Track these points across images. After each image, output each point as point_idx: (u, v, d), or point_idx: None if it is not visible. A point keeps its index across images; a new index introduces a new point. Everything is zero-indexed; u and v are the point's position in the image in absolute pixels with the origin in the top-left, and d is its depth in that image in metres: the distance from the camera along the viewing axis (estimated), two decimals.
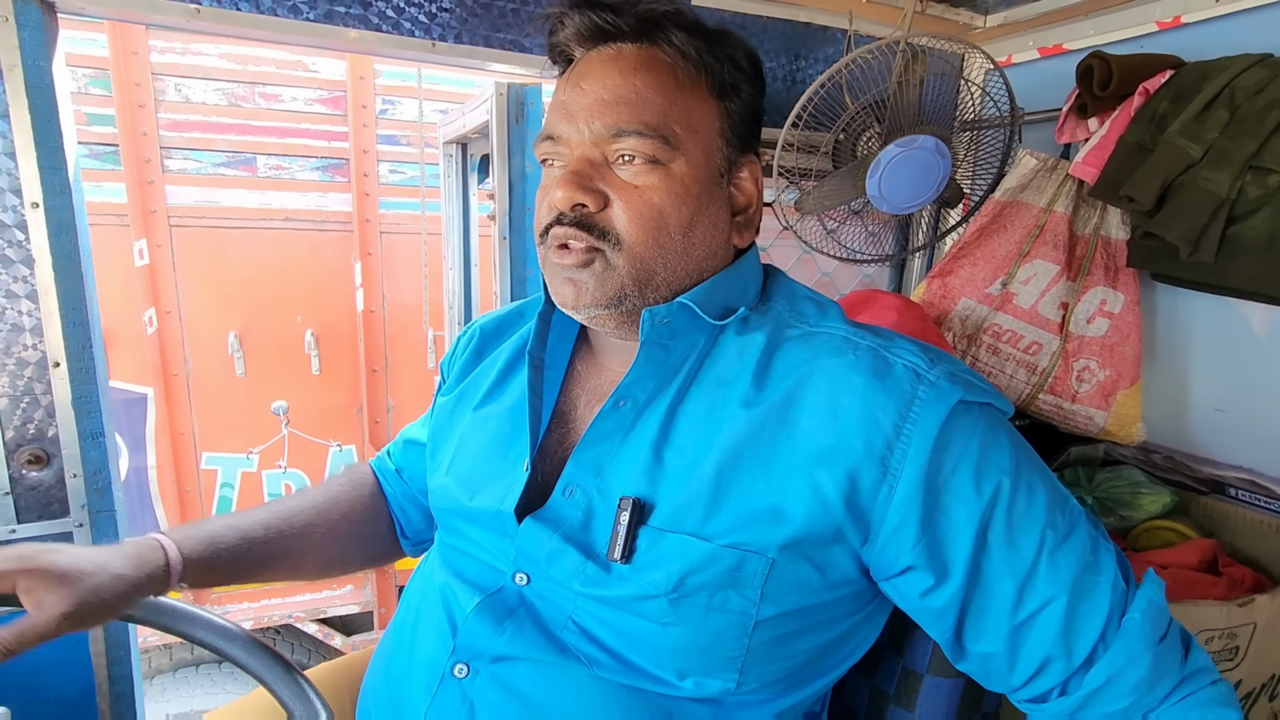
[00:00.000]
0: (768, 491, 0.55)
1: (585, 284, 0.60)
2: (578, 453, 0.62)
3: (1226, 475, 1.25)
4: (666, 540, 0.56)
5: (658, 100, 0.58)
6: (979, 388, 0.57)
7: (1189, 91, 1.10)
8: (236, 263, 2.65)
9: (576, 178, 0.58)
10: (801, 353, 0.60)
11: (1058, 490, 0.57)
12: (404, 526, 0.88)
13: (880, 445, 0.54)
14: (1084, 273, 1.33)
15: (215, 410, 2.75)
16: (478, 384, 0.76)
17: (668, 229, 0.59)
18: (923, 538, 0.54)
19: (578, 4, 0.61)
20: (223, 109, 2.52)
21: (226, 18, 1.07)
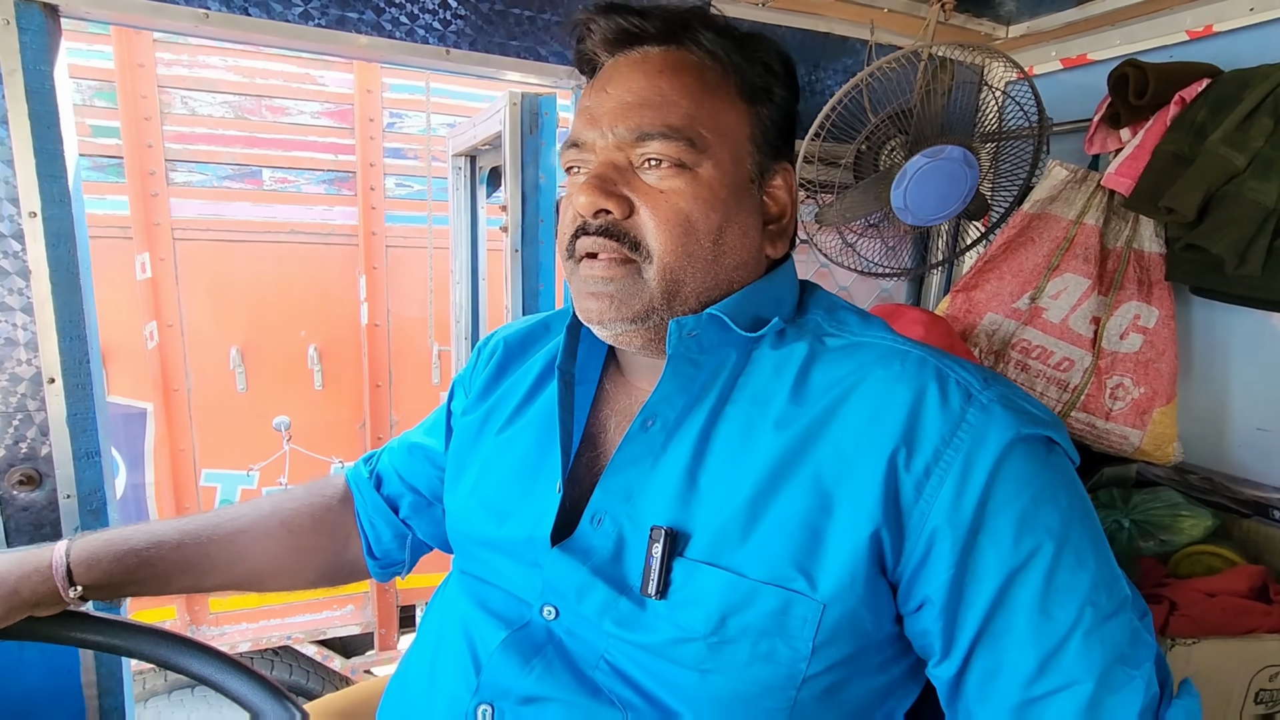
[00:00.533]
0: (807, 516, 0.52)
1: (613, 298, 0.57)
2: (606, 478, 0.58)
3: (1270, 497, 1.19)
4: (703, 574, 0.52)
5: (684, 102, 0.56)
6: (1037, 418, 0.53)
7: (1229, 100, 1.06)
8: (240, 276, 2.61)
9: (600, 182, 0.56)
10: (846, 364, 0.57)
11: (1110, 566, 0.52)
12: (372, 545, 0.83)
13: (920, 469, 0.50)
14: (1116, 287, 1.29)
15: (216, 426, 2.70)
16: (504, 403, 0.72)
17: (696, 235, 0.56)
18: (947, 571, 0.50)
19: (603, 9, 0.59)
20: (229, 122, 2.49)
21: (235, 23, 1.04)
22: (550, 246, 1.44)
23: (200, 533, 0.74)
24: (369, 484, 0.84)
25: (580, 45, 0.62)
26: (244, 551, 0.76)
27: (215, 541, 0.74)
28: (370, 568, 0.84)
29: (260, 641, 2.85)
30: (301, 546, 0.80)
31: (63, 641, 0.68)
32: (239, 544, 0.76)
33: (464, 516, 0.68)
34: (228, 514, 0.77)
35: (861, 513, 0.51)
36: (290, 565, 0.80)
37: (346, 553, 0.83)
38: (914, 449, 0.51)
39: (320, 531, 0.82)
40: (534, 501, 0.62)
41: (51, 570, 0.66)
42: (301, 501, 0.82)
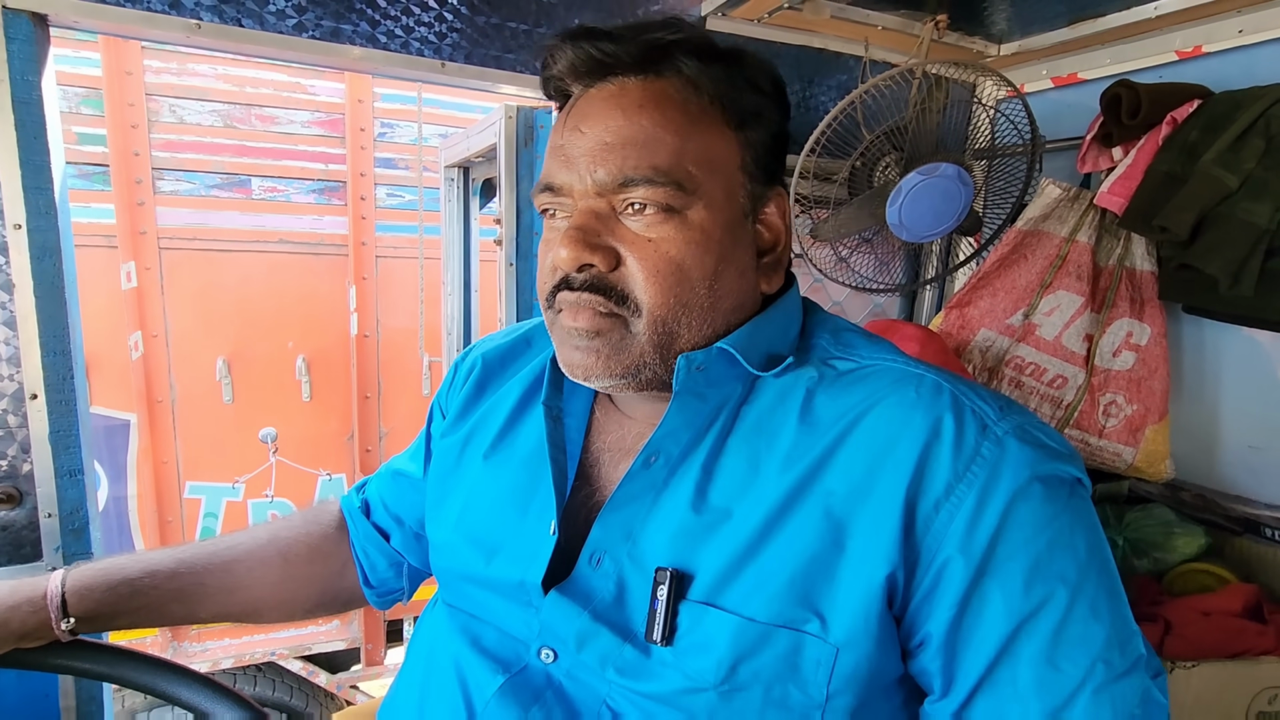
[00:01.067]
0: (818, 550, 0.49)
1: (599, 353, 0.53)
2: (604, 515, 0.55)
3: (1262, 515, 1.20)
4: (711, 618, 0.50)
5: (669, 139, 0.51)
6: (1056, 453, 0.50)
7: (1221, 121, 1.07)
8: (227, 286, 2.59)
9: (581, 234, 0.51)
10: (856, 391, 0.54)
11: (1126, 622, 0.49)
12: (367, 574, 0.80)
13: (930, 505, 0.48)
14: (1109, 304, 1.30)
15: (201, 438, 2.66)
16: (485, 426, 0.68)
17: (690, 284, 0.52)
18: (950, 611, 0.48)
19: (572, 35, 0.54)
20: (218, 130, 2.47)
21: (228, 34, 1.03)
22: None
23: (195, 561, 0.72)
24: (360, 514, 0.81)
25: (547, 72, 0.57)
26: (240, 581, 0.74)
27: (211, 571, 0.72)
28: (368, 596, 0.81)
29: (243, 659, 2.80)
30: (298, 576, 0.78)
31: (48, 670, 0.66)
32: (234, 573, 0.74)
33: (449, 551, 0.65)
34: (223, 543, 0.75)
35: (876, 552, 0.48)
36: (287, 595, 0.78)
37: (343, 581, 0.81)
38: (928, 483, 0.48)
39: (316, 560, 0.79)
40: (525, 540, 0.59)
41: (45, 601, 0.64)
42: (298, 530, 0.80)
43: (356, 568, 0.81)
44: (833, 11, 1.34)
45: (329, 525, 0.81)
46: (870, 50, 1.43)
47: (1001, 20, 1.43)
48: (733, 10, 1.31)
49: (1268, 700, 0.83)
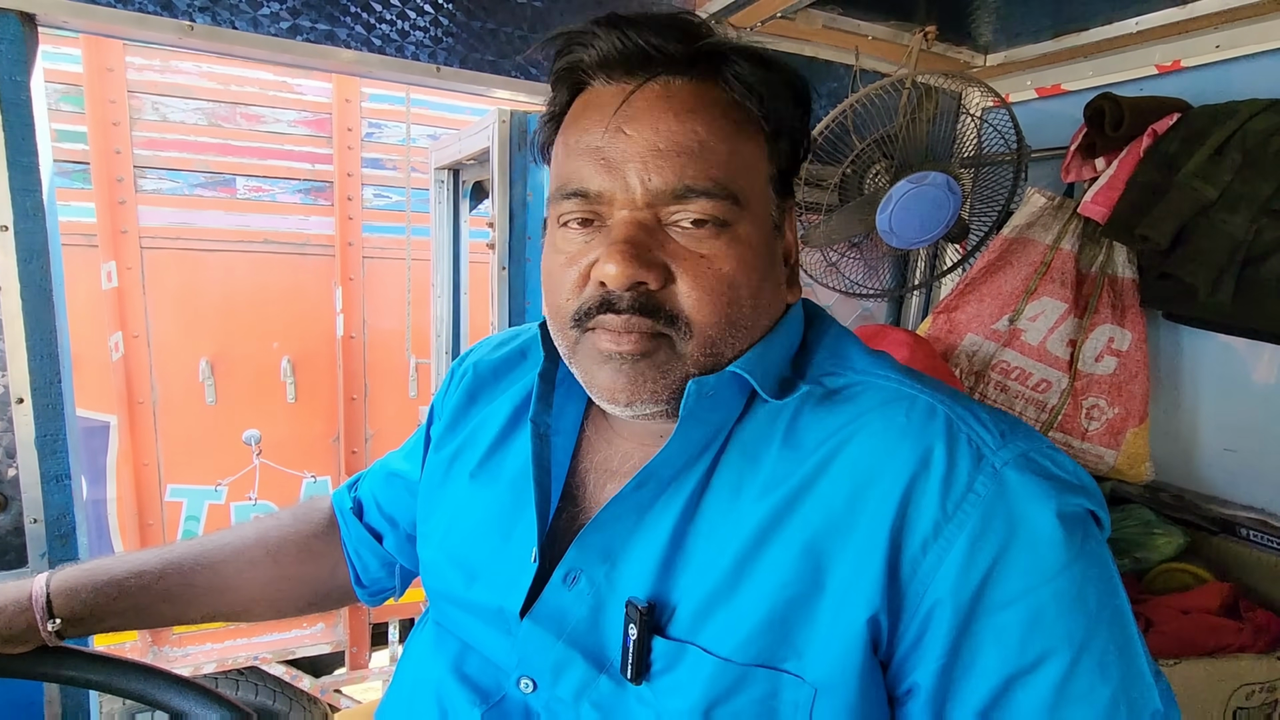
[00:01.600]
0: (796, 587, 0.46)
1: (644, 376, 0.49)
2: (584, 535, 0.51)
3: (1237, 515, 1.24)
4: (688, 657, 0.47)
5: (721, 149, 0.48)
6: (1064, 484, 0.45)
7: (1200, 134, 1.10)
8: (211, 286, 2.55)
9: (634, 249, 0.46)
10: (843, 411, 0.50)
11: (1139, 676, 0.44)
12: (359, 574, 0.79)
13: (917, 546, 0.44)
14: (1091, 310, 1.33)
15: (183, 439, 2.62)
16: (475, 441, 0.66)
17: (739, 301, 0.49)
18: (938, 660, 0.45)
19: (609, 23, 0.49)
20: (202, 129, 2.44)
21: (221, 36, 1.02)
22: (537, 264, 1.43)
23: (184, 561, 0.71)
24: (351, 513, 0.80)
25: (568, 58, 0.51)
26: (229, 581, 0.73)
27: (199, 571, 0.71)
28: (359, 595, 0.81)
29: (226, 663, 2.77)
30: (288, 575, 0.77)
31: (33, 678, 0.65)
32: (224, 573, 0.73)
33: (434, 570, 0.64)
34: (212, 542, 0.74)
35: (858, 593, 0.45)
36: (277, 594, 0.77)
37: (334, 580, 0.80)
38: (914, 522, 0.45)
39: (307, 559, 0.79)
40: (505, 566, 0.56)
41: (30, 603, 0.63)
42: (288, 528, 0.79)
43: (348, 567, 0.80)
44: (824, 21, 1.36)
45: (319, 524, 0.81)
46: (860, 59, 1.45)
47: (988, 32, 1.46)
48: (727, 18, 1.32)
49: (1245, 696, 0.85)
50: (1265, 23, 1.15)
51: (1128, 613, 0.46)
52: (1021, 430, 0.48)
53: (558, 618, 0.51)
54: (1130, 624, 0.45)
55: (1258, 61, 1.19)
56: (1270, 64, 1.18)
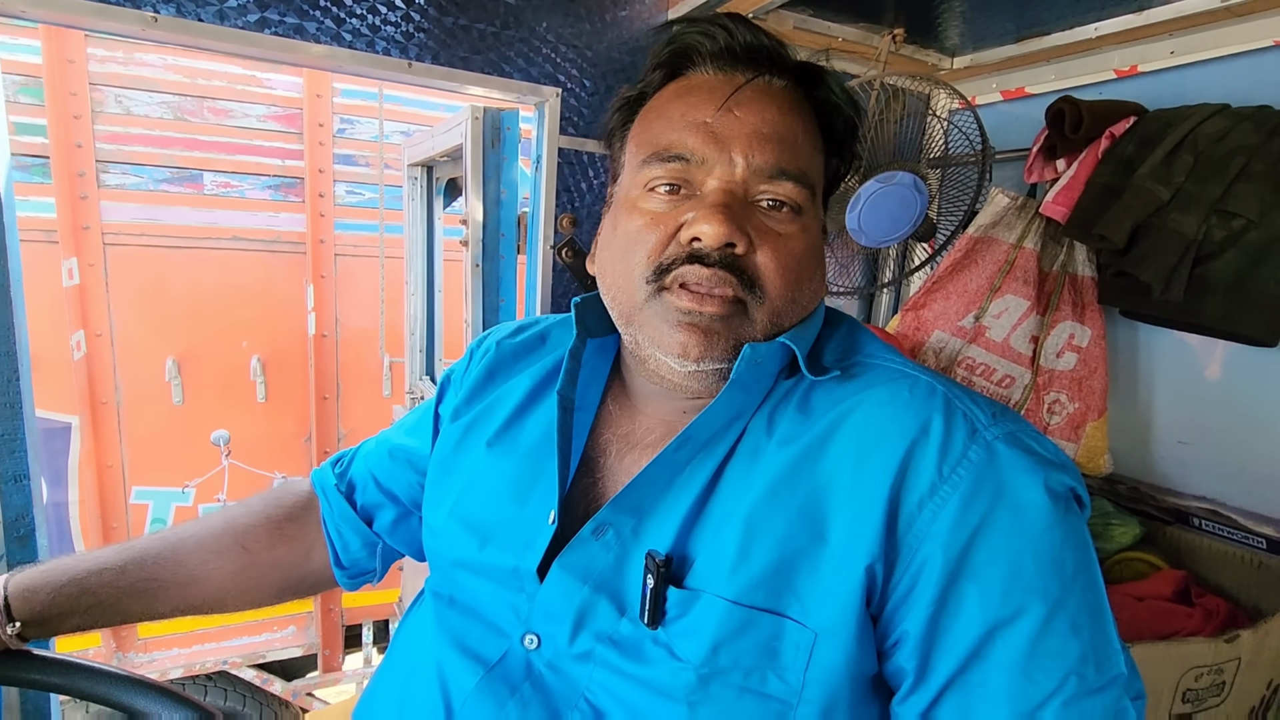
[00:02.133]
0: (802, 539, 0.50)
1: (716, 335, 0.53)
2: (622, 493, 0.55)
3: (1190, 505, 1.28)
4: (700, 602, 0.51)
5: (807, 147, 0.56)
6: (1047, 460, 0.50)
7: (1154, 137, 1.14)
8: (177, 284, 2.50)
9: (730, 213, 0.52)
10: (851, 384, 0.56)
11: (1107, 640, 0.48)
12: (339, 554, 0.78)
13: (914, 503, 0.49)
14: (1053, 307, 1.37)
15: (148, 440, 2.57)
16: (492, 414, 0.69)
17: (801, 281, 0.56)
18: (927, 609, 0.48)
19: (743, 20, 0.57)
20: (167, 123, 2.39)
21: (185, 28, 1.01)
22: (511, 261, 1.43)
23: (146, 556, 0.70)
24: (336, 491, 0.79)
25: (685, 41, 0.58)
26: (195, 573, 0.72)
27: (163, 564, 0.70)
28: (338, 578, 0.80)
29: (193, 668, 2.71)
30: (260, 563, 0.76)
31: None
32: (189, 565, 0.72)
33: (442, 534, 0.65)
34: (175, 534, 0.73)
35: (858, 544, 0.49)
36: (249, 584, 0.76)
37: (309, 564, 0.79)
38: (912, 481, 0.49)
39: (280, 544, 0.77)
40: (521, 528, 0.59)
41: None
42: (258, 514, 0.78)
43: (327, 547, 0.79)
44: (795, 22, 1.38)
45: (294, 506, 0.79)
46: (831, 60, 1.47)
47: (955, 35, 1.49)
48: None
49: (1195, 678, 0.89)
50: (1217, 30, 1.20)
51: (1100, 582, 0.50)
52: (1010, 414, 0.53)
53: (585, 565, 0.54)
54: (1102, 593, 0.50)
55: (1210, 67, 1.24)
56: (1221, 69, 1.22)
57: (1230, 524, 1.22)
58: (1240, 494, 1.23)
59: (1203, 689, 0.90)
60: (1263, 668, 0.97)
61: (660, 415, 0.61)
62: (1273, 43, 1.15)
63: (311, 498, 0.81)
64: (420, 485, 0.77)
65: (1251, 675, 0.95)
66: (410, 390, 2.04)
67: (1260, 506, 1.21)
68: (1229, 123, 1.09)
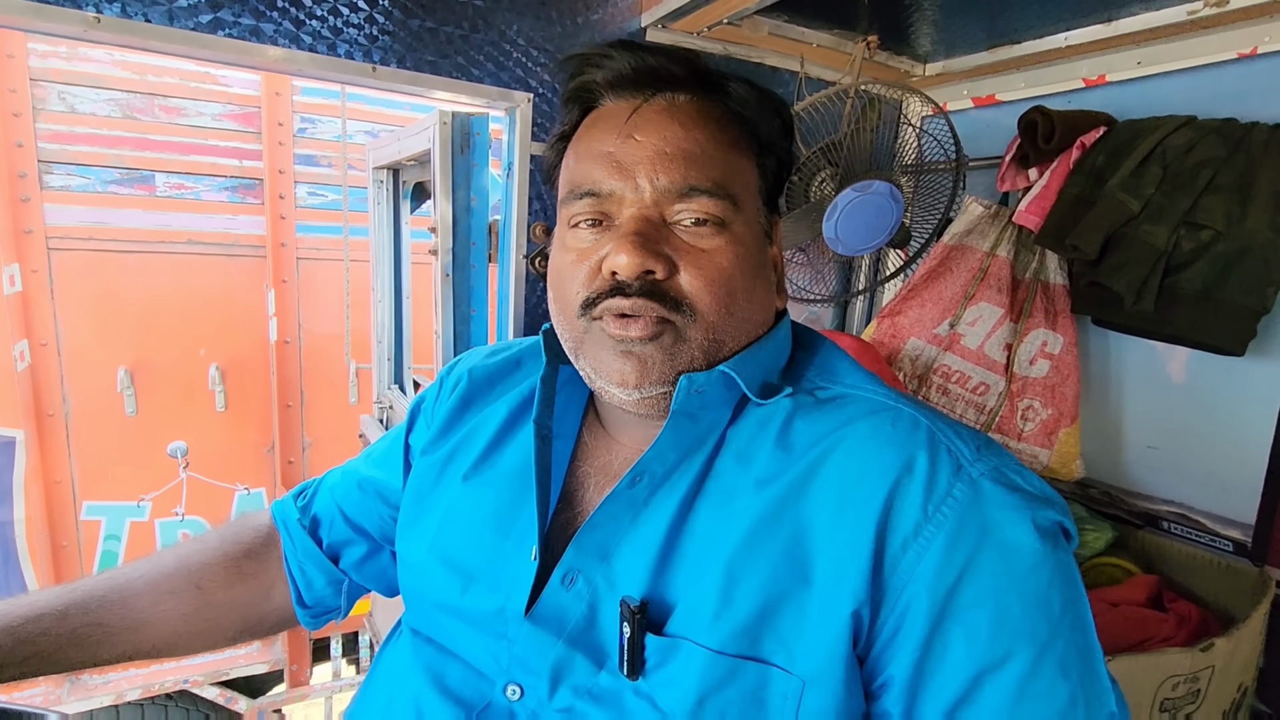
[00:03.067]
0: (786, 583, 0.48)
1: (651, 359, 0.52)
2: (581, 535, 0.54)
3: (1160, 509, 1.31)
4: (681, 651, 0.49)
5: (719, 157, 0.54)
6: (1033, 497, 0.49)
7: (1124, 148, 1.15)
8: (129, 290, 2.39)
9: (643, 240, 0.51)
10: (832, 417, 0.54)
11: (1098, 679, 0.47)
12: (302, 592, 0.75)
13: (898, 544, 0.47)
14: (1025, 315, 1.38)
15: (100, 454, 2.45)
16: (469, 445, 0.66)
17: (735, 296, 0.54)
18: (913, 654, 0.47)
19: (626, 45, 0.55)
20: (115, 121, 2.28)
21: (131, 29, 0.94)
22: (483, 270, 1.39)
23: (90, 599, 0.65)
24: (300, 526, 0.75)
25: (581, 78, 0.57)
26: (145, 616, 0.67)
27: (109, 607, 0.66)
28: (300, 617, 0.76)
29: (152, 688, 2.61)
30: (216, 603, 0.72)
31: None
32: (138, 608, 0.67)
33: (421, 573, 0.62)
34: (123, 575, 0.68)
35: (844, 587, 0.47)
36: (204, 626, 0.71)
37: (269, 603, 0.75)
38: (897, 521, 0.48)
39: (237, 583, 0.73)
40: (504, 566, 0.57)
41: None
42: (213, 551, 0.73)
43: (289, 585, 0.75)
44: (770, 28, 1.36)
45: (251, 542, 0.75)
46: (805, 66, 1.46)
47: (927, 42, 1.49)
48: (673, 23, 1.31)
49: (1171, 687, 0.90)
50: (1182, 42, 1.21)
51: (1089, 620, 0.49)
52: (995, 447, 0.52)
53: (557, 618, 0.53)
54: (1090, 631, 0.49)
55: (1175, 78, 1.26)
56: (1186, 80, 1.24)
57: (1198, 527, 1.25)
58: (1208, 498, 1.26)
59: (1179, 698, 0.91)
60: (1234, 673, 0.99)
61: (636, 445, 0.59)
62: (1236, 55, 1.17)
63: (272, 532, 0.77)
64: (391, 519, 0.74)
65: (1224, 680, 0.96)
66: (379, 400, 1.98)
67: (1227, 510, 1.23)
68: (1196, 135, 1.10)
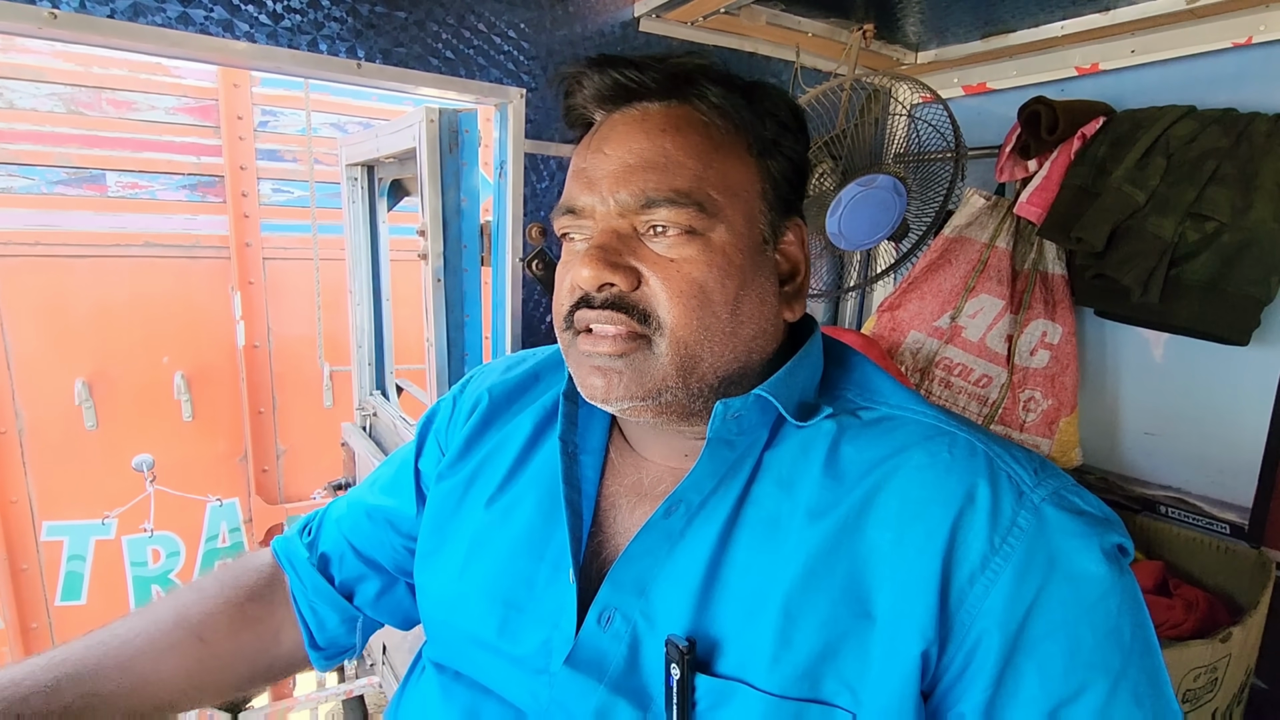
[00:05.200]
0: (849, 622, 0.47)
1: (620, 374, 0.52)
2: (616, 570, 0.52)
3: (1157, 494, 1.33)
4: (738, 696, 0.47)
5: (690, 163, 0.51)
6: (1095, 519, 0.48)
7: (1126, 139, 1.15)
8: (83, 297, 2.26)
9: (603, 253, 0.51)
10: (884, 442, 0.52)
11: (1168, 702, 0.47)
12: (314, 634, 0.71)
13: (965, 578, 0.46)
14: (1025, 306, 1.38)
15: (59, 471, 2.33)
16: (491, 467, 0.63)
17: (712, 307, 0.51)
18: (985, 692, 0.46)
19: (596, 63, 0.54)
20: (60, 117, 2.13)
21: (92, 26, 0.86)
22: (475, 274, 1.33)
23: (83, 670, 0.59)
24: (309, 565, 0.71)
25: (570, 99, 0.56)
26: (146, 678, 0.62)
27: (105, 675, 0.60)
28: (313, 660, 0.71)
29: None
30: (221, 654, 0.67)
31: None
32: (137, 671, 0.62)
33: (452, 605, 0.59)
34: (115, 636, 0.63)
35: (910, 625, 0.46)
36: (210, 679, 0.66)
37: (278, 648, 0.70)
38: (963, 554, 0.46)
39: (242, 630, 0.68)
40: (543, 593, 0.55)
41: None
42: (213, 598, 0.68)
43: (300, 628, 0.70)
44: (767, 18, 1.33)
45: (254, 585, 0.71)
46: (801, 56, 1.43)
47: (921, 30, 1.47)
48: (668, 13, 1.26)
49: (1194, 679, 0.91)
50: (1177, 30, 1.21)
51: (1155, 642, 0.49)
52: (1051, 468, 0.51)
53: (597, 662, 0.51)
54: (1157, 653, 0.48)
55: (1168, 67, 1.26)
56: (1179, 69, 1.25)
57: (1196, 511, 1.27)
58: (1204, 482, 1.28)
59: (1200, 688, 0.93)
60: (1245, 658, 1.01)
61: (665, 461, 0.58)
62: (1231, 44, 1.17)
63: (275, 572, 0.72)
64: (406, 549, 0.70)
65: (1237, 667, 0.98)
66: (360, 406, 1.91)
67: (1223, 494, 1.26)
68: (1198, 125, 1.11)
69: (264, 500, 2.63)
